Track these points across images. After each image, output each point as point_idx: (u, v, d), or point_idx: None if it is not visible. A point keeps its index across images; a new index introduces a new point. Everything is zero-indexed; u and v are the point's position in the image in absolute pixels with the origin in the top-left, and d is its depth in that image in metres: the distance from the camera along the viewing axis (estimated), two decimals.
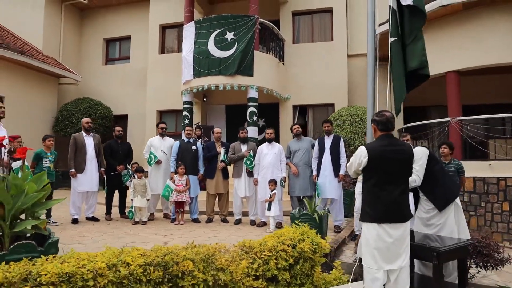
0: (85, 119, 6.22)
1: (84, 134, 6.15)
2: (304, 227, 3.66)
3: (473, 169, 7.09)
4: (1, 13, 12.91)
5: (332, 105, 11.08)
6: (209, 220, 6.45)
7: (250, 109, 9.84)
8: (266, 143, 6.33)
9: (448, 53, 8.23)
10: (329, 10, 11.44)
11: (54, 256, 2.47)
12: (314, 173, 5.98)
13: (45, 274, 2.20)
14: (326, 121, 6.17)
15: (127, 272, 2.49)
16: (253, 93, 9.84)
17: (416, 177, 3.38)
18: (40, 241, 2.71)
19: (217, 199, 6.60)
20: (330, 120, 6.40)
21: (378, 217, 2.63)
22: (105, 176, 6.29)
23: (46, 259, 2.37)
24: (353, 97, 11.29)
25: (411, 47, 3.51)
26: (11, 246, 2.50)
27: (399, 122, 10.69)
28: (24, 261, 2.34)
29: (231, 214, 6.64)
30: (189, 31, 10.35)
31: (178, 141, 6.54)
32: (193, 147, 6.46)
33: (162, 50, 13.00)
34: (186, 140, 6.52)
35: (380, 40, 9.88)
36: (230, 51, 9.71)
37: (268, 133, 6.32)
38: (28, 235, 2.80)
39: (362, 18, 11.26)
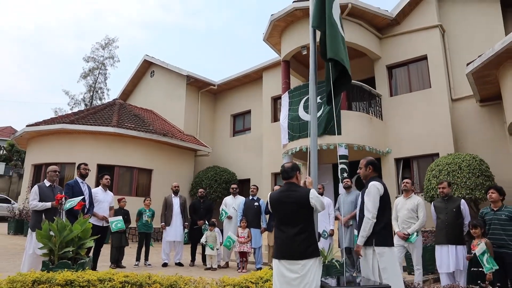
0: (174, 183, 7.98)
1: (173, 195, 7.87)
2: None
3: None
4: (158, 105, 17.60)
5: (437, 154, 10.26)
6: None
7: (340, 166, 10.10)
8: None
9: None
10: (424, 58, 11.11)
11: (76, 271, 3.84)
12: None
13: (57, 279, 3.55)
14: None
15: (109, 285, 3.62)
16: (342, 151, 10.17)
17: (367, 215, 3.45)
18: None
19: None
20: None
21: (277, 254, 3.01)
22: (186, 229, 7.76)
23: (67, 271, 3.74)
24: (462, 144, 10.23)
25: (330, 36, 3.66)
26: (57, 263, 3.99)
27: None
28: (58, 272, 3.77)
29: None
30: (284, 100, 11.74)
31: (244, 199, 7.59)
32: (256, 203, 7.38)
33: (274, 119, 14.76)
34: (250, 197, 7.52)
35: (475, 79, 9.06)
36: (317, 113, 10.54)
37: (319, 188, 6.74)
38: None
39: (462, 60, 10.48)
